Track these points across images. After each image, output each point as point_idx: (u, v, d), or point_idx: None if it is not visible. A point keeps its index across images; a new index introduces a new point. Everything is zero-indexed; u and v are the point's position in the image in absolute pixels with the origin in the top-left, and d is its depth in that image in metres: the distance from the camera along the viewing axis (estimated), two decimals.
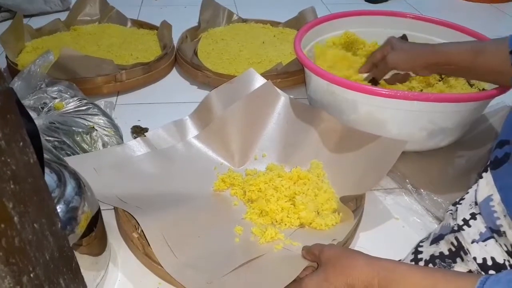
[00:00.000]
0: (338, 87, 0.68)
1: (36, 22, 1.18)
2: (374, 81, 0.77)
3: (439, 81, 0.82)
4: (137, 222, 0.55)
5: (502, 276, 0.33)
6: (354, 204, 0.64)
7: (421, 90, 0.80)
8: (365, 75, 0.77)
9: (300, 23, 1.11)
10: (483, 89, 0.79)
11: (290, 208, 0.60)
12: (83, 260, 0.49)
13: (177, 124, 0.74)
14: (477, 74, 0.68)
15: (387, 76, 0.76)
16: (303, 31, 0.84)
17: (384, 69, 0.72)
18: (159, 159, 0.67)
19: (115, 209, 0.62)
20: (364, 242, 0.61)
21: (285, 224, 0.59)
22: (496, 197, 0.42)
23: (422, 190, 0.67)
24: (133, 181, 0.62)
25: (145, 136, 0.71)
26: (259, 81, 0.79)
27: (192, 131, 0.74)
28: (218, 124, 0.72)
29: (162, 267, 0.52)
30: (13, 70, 0.91)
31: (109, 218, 0.62)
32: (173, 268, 0.51)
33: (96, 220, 0.51)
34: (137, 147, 0.69)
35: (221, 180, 0.67)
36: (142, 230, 0.54)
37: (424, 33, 0.88)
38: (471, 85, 0.81)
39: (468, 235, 0.44)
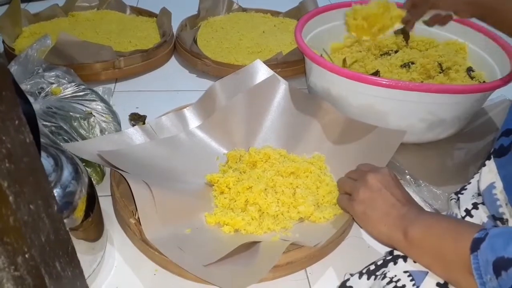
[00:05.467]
0: (338, 77, 0.68)
1: (34, 7, 1.17)
2: (405, 34, 0.75)
3: (440, 73, 0.82)
4: (133, 196, 0.55)
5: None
6: None
7: (422, 82, 0.80)
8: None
9: (301, 13, 1.10)
10: (484, 82, 0.78)
11: (291, 203, 0.60)
12: (80, 245, 0.48)
13: (180, 113, 0.73)
14: None
15: (426, 17, 0.72)
16: (304, 20, 0.83)
17: (423, 9, 0.67)
18: (161, 148, 0.66)
19: (112, 195, 0.61)
20: (362, 232, 0.61)
21: (284, 219, 0.59)
22: (499, 184, 0.42)
23: (421, 182, 0.67)
24: (132, 167, 0.61)
25: (144, 123, 0.71)
26: (265, 72, 0.78)
27: (194, 121, 0.74)
28: (221, 114, 0.72)
29: (159, 253, 0.52)
30: (10, 55, 0.90)
31: (106, 205, 0.61)
32: (169, 250, 0.51)
33: (93, 204, 0.50)
34: (135, 135, 0.69)
35: (221, 171, 0.66)
36: (139, 217, 0.54)
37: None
38: (472, 78, 0.80)
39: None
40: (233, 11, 1.18)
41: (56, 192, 0.45)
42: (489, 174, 0.43)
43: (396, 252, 0.45)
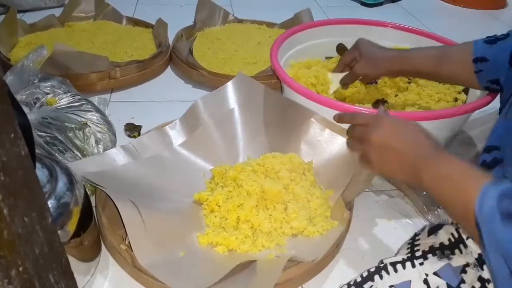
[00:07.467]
0: (314, 104, 0.66)
1: (30, 18, 1.17)
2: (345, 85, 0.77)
3: (409, 83, 0.83)
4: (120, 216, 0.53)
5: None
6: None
7: (396, 95, 0.81)
8: (338, 75, 0.77)
9: (295, 24, 1.11)
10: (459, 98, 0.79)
11: (283, 218, 0.59)
12: (73, 256, 0.48)
13: (161, 131, 0.71)
14: (442, 80, 0.73)
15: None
16: (281, 39, 0.82)
17: (353, 77, 0.75)
18: (146, 167, 0.65)
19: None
20: (356, 243, 0.61)
21: (278, 235, 0.58)
22: None
23: (414, 192, 0.67)
24: (118, 189, 0.58)
25: (140, 134, 0.70)
26: (248, 84, 0.76)
27: (178, 138, 0.72)
28: (204, 131, 0.71)
29: (154, 279, 0.50)
30: (5, 65, 0.90)
31: None
32: (164, 275, 0.50)
33: (88, 216, 0.50)
34: (117, 156, 0.66)
35: (208, 189, 0.65)
36: (129, 242, 0.52)
37: (408, 43, 0.87)
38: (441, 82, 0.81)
39: (463, 231, 0.45)
40: (228, 22, 1.19)
41: (51, 203, 0.44)
42: None
43: (382, 262, 0.45)
